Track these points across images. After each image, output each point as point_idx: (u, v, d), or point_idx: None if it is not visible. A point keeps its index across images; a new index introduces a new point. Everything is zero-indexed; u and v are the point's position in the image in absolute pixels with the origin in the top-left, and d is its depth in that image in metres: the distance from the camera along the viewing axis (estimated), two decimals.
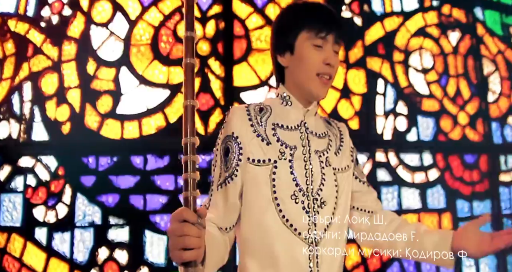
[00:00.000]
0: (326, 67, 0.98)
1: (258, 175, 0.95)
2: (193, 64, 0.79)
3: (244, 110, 0.99)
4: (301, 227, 0.94)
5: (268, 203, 0.94)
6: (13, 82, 2.43)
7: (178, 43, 2.41)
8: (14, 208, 2.31)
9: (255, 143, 0.97)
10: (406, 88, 2.33)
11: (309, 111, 1.03)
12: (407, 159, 2.24)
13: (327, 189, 0.99)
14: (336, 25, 1.02)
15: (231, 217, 0.98)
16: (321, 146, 1.02)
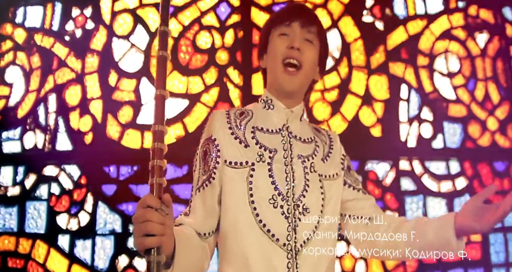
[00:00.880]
0: (291, 50, 0.97)
1: (234, 178, 0.94)
2: (165, 56, 0.87)
3: (224, 114, 1.01)
4: (279, 233, 0.91)
5: (244, 207, 0.92)
6: (39, 94, 2.59)
7: (197, 53, 2.49)
8: (38, 215, 2.44)
9: (233, 145, 0.97)
10: (431, 93, 2.30)
11: (294, 113, 1.02)
12: (433, 167, 2.20)
13: (311, 196, 0.96)
14: (300, 12, 1.02)
15: (210, 222, 0.96)
16: (306, 151, 1.00)
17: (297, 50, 0.97)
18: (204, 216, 0.96)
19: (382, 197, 2.17)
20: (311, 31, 1.01)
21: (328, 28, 2.42)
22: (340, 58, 2.39)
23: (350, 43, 2.40)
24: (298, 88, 1.01)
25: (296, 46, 0.97)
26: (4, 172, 2.54)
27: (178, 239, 0.81)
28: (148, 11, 2.60)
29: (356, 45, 2.39)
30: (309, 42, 1.00)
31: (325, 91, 2.37)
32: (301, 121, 1.04)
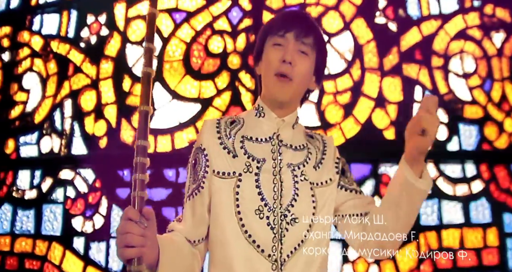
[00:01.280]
0: (283, 65, 0.96)
1: (222, 188, 0.95)
2: (150, 73, 0.87)
3: (214, 123, 1.01)
4: (264, 244, 0.92)
5: (231, 217, 0.93)
6: (55, 99, 2.68)
7: (209, 58, 2.53)
8: (54, 218, 2.52)
9: (221, 155, 0.97)
10: (446, 94, 2.28)
11: (285, 122, 1.01)
12: (448, 170, 2.17)
13: (300, 205, 0.95)
14: (295, 22, 1.00)
15: (199, 230, 0.98)
16: (296, 159, 1.00)
17: (289, 63, 0.96)
18: (194, 224, 0.98)
19: None
20: (305, 42, 0.98)
21: (340, 31, 2.43)
22: (353, 61, 2.39)
23: (363, 45, 2.39)
24: (290, 98, 1.00)
25: (288, 60, 0.96)
26: (21, 175, 2.64)
27: (163, 248, 0.84)
28: (161, 16, 2.66)
29: (369, 47, 2.39)
30: (304, 54, 0.98)
31: (337, 94, 2.37)
32: (294, 129, 1.04)
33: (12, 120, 2.75)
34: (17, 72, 2.81)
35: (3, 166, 2.69)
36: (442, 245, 2.06)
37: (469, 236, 2.06)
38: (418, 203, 0.96)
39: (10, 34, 2.88)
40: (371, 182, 2.20)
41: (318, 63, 1.03)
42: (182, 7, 2.66)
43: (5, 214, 2.63)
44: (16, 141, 2.70)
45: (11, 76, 2.81)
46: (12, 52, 2.84)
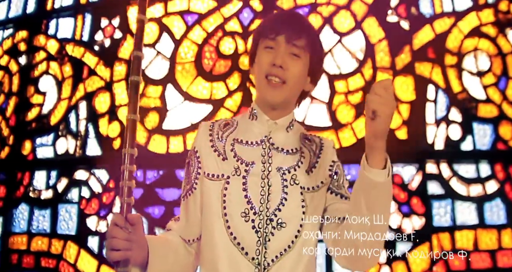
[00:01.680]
0: (273, 68, 0.96)
1: (211, 189, 0.97)
2: (138, 81, 0.92)
3: (208, 126, 1.04)
4: (249, 247, 0.92)
5: (218, 219, 0.95)
6: (70, 101, 2.75)
7: (220, 59, 2.56)
8: (70, 217, 2.59)
9: (212, 158, 1.00)
10: (459, 93, 2.25)
11: (277, 125, 1.01)
12: (462, 171, 2.14)
13: (288, 210, 0.94)
14: (286, 24, 0.99)
15: (192, 229, 1.01)
16: (287, 163, 0.99)
17: (280, 67, 0.96)
18: (188, 224, 1.01)
19: (408, 201, 2.13)
20: (297, 45, 0.97)
21: (352, 30, 2.42)
22: (364, 60, 2.38)
23: (375, 44, 2.39)
24: (282, 101, 0.99)
25: (279, 64, 0.96)
26: (37, 176, 2.72)
27: (152, 249, 0.89)
28: (173, 19, 2.71)
29: (381, 46, 2.38)
30: (296, 57, 0.98)
31: (349, 94, 2.37)
32: (288, 131, 1.03)
33: (28, 122, 2.83)
34: (34, 75, 2.89)
35: (20, 167, 2.77)
36: (455, 246, 2.03)
37: (483, 237, 2.02)
38: (379, 198, 0.85)
39: (26, 38, 2.97)
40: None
41: (313, 63, 1.01)
42: (194, 9, 2.70)
43: (22, 214, 2.71)
44: (33, 142, 2.78)
45: (28, 79, 2.90)
46: (28, 55, 2.92)
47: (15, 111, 2.87)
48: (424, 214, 2.10)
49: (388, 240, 2.14)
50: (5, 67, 2.99)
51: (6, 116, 2.90)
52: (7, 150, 2.84)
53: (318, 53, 1.03)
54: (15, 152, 2.81)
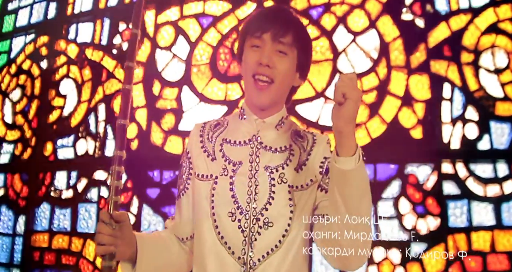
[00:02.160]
0: (260, 67, 0.95)
1: (200, 189, 0.99)
2: (129, 90, 0.99)
3: (199, 128, 1.07)
4: (235, 246, 0.92)
5: (206, 218, 0.96)
6: (90, 104, 2.83)
7: (235, 60, 2.59)
8: (89, 216, 2.67)
9: (201, 159, 1.01)
10: (476, 91, 2.20)
11: (266, 124, 1.01)
12: (479, 170, 2.08)
13: (275, 209, 0.93)
14: (271, 22, 0.97)
15: (186, 228, 1.04)
16: (275, 162, 0.97)
17: (267, 66, 0.95)
18: (181, 223, 1.05)
19: (423, 201, 2.10)
20: (283, 42, 0.97)
21: (366, 29, 2.41)
22: (379, 59, 2.36)
23: (389, 43, 2.36)
24: (269, 102, 0.99)
25: (265, 63, 0.95)
26: (58, 176, 2.81)
27: (142, 245, 0.95)
28: (189, 22, 2.76)
29: (395, 45, 2.35)
30: (282, 54, 0.97)
31: (363, 93, 2.35)
32: (278, 129, 1.03)
33: (50, 124, 2.93)
34: (55, 79, 3.00)
35: (42, 168, 2.87)
36: (471, 247, 1.99)
37: (501, 239, 1.97)
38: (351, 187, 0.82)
39: (47, 43, 3.08)
40: (398, 182, 2.16)
41: (301, 59, 1.01)
42: (209, 12, 2.74)
43: (44, 213, 2.81)
44: (54, 144, 2.88)
45: (49, 83, 3.00)
46: (49, 60, 3.03)
47: (37, 113, 2.98)
48: (440, 215, 2.06)
49: (402, 241, 2.14)
50: (28, 71, 3.11)
51: (28, 118, 3.01)
52: (30, 151, 2.95)
53: (305, 48, 1.02)
54: (37, 153, 2.92)
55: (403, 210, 2.12)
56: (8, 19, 3.40)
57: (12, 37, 3.32)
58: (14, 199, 2.90)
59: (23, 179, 2.92)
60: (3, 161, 3.07)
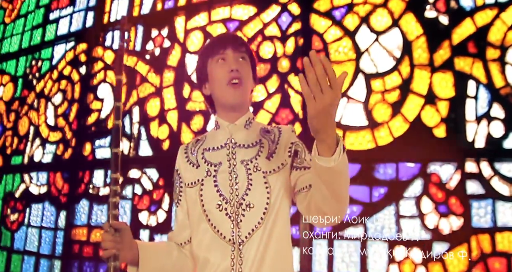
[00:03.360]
0: (232, 73, 1.12)
1: (192, 195, 1.14)
2: (119, 106, 1.16)
3: (183, 148, 1.23)
4: (225, 231, 1.07)
5: (200, 217, 1.11)
6: (125, 107, 2.96)
7: (260, 63, 2.62)
8: (124, 212, 2.79)
9: (188, 170, 1.17)
10: (502, 88, 2.10)
11: (236, 126, 1.17)
12: (504, 169, 1.99)
13: (254, 193, 1.08)
14: (229, 39, 1.18)
15: (183, 234, 1.18)
16: (249, 155, 1.13)
17: (236, 71, 1.12)
18: (178, 230, 1.19)
19: (446, 200, 2.04)
20: (241, 51, 1.16)
21: (389, 28, 2.37)
22: (402, 58, 2.31)
23: (412, 41, 2.31)
24: (241, 99, 1.15)
25: (235, 68, 1.12)
26: (96, 175, 2.96)
27: (142, 249, 1.10)
28: (216, 26, 2.82)
29: (419, 43, 2.29)
30: (243, 60, 1.16)
31: (385, 92, 2.31)
32: (248, 129, 1.18)
33: (89, 126, 3.08)
34: (93, 84, 3.15)
35: (81, 167, 3.03)
36: (496, 248, 1.90)
37: None
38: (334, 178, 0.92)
39: (86, 50, 3.24)
40: (420, 181, 2.11)
41: (253, 66, 1.20)
42: (236, 17, 2.79)
43: (83, 208, 2.96)
44: (92, 144, 3.03)
45: (88, 87, 3.16)
46: (88, 66, 3.19)
47: (77, 116, 3.14)
48: (463, 214, 1.99)
49: (424, 240, 2.08)
50: (68, 77, 3.29)
51: (69, 121, 3.18)
52: (70, 151, 3.12)
53: (252, 57, 1.22)
54: (77, 153, 3.08)
55: (425, 210, 2.06)
56: (50, 28, 3.61)
57: (54, 45, 3.51)
58: (56, 195, 3.08)
59: (64, 177, 3.09)
60: (46, 160, 3.27)
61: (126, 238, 1.07)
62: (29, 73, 3.59)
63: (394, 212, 2.12)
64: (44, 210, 3.16)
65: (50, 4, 3.69)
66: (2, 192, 3.51)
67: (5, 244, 3.33)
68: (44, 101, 3.42)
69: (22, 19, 3.88)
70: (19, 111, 3.57)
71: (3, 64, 3.89)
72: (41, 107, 3.43)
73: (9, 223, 3.35)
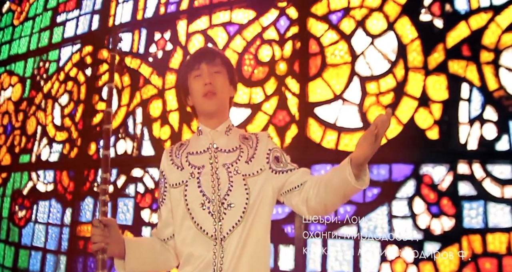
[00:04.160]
0: (206, 87, 1.20)
1: (176, 195, 1.20)
2: (110, 112, 1.26)
3: (168, 151, 1.29)
4: (208, 228, 1.14)
5: (184, 215, 1.17)
6: (129, 108, 2.96)
7: (258, 66, 2.61)
8: (127, 210, 2.79)
9: (173, 171, 1.23)
10: (495, 91, 2.06)
11: (218, 132, 1.24)
12: (496, 171, 1.95)
13: (235, 194, 1.15)
14: (204, 54, 1.25)
15: (167, 230, 1.24)
16: (230, 159, 1.20)
17: (210, 84, 1.20)
18: (162, 226, 1.25)
19: (437, 201, 2.01)
20: (216, 64, 1.24)
21: (384, 31, 2.34)
22: (396, 60, 2.29)
23: (407, 44, 2.28)
24: (216, 108, 1.23)
25: (208, 82, 1.20)
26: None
27: (128, 243, 1.17)
28: (217, 30, 2.81)
29: (413, 46, 2.27)
30: (217, 73, 1.23)
31: (380, 95, 2.29)
32: (228, 135, 1.25)
33: (94, 126, 3.09)
34: (98, 85, 3.16)
35: (86, 166, 3.04)
36: (487, 249, 1.88)
37: None
38: (352, 194, 1.08)
39: (92, 52, 3.25)
40: (412, 182, 2.09)
41: (230, 75, 1.27)
42: (235, 20, 2.78)
43: (88, 206, 2.97)
44: (97, 144, 3.04)
45: (93, 89, 3.17)
46: (93, 68, 3.20)
47: (83, 116, 3.15)
48: (454, 215, 1.96)
49: (416, 240, 2.06)
50: (74, 78, 3.30)
51: (75, 121, 3.19)
52: (76, 150, 3.13)
53: (230, 67, 1.29)
54: (82, 152, 3.09)
55: (418, 210, 2.04)
56: (57, 31, 3.62)
57: (61, 47, 3.52)
58: (62, 193, 3.09)
59: (70, 176, 3.10)
60: (53, 159, 3.29)
61: (114, 233, 1.14)
62: (37, 74, 3.61)
63: (386, 212, 2.10)
64: (51, 207, 3.18)
65: (57, 7, 3.70)
66: (10, 189, 3.54)
67: (13, 239, 3.36)
68: (51, 102, 3.43)
69: (30, 21, 3.89)
70: (27, 111, 3.59)
71: (12, 65, 3.91)
72: (48, 108, 3.44)
73: (17, 219, 3.37)
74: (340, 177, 1.05)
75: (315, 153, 2.33)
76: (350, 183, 1.02)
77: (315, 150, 2.33)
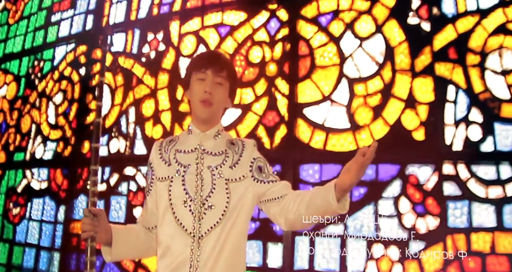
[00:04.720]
0: (205, 94, 1.20)
1: (161, 188, 1.22)
2: (100, 105, 1.26)
3: (158, 144, 1.30)
4: (188, 225, 1.16)
5: (167, 209, 1.19)
6: (122, 107, 2.91)
7: (249, 67, 2.57)
8: (119, 207, 2.75)
9: (161, 165, 1.24)
10: (481, 93, 2.03)
11: (207, 135, 1.24)
12: (481, 172, 1.93)
13: (216, 196, 1.17)
14: (213, 61, 1.24)
15: (151, 219, 1.26)
16: (215, 162, 1.21)
17: (209, 93, 1.20)
18: (147, 216, 1.27)
19: (423, 201, 1.99)
20: (221, 75, 1.22)
21: (372, 34, 2.31)
22: (384, 63, 2.25)
23: (394, 47, 2.25)
24: (210, 116, 1.23)
25: (208, 91, 1.20)
26: None
27: (115, 232, 1.20)
28: (209, 31, 2.77)
29: (401, 49, 2.24)
30: (219, 85, 1.22)
31: (367, 96, 2.25)
32: (216, 139, 1.25)
33: (87, 125, 3.04)
34: (92, 84, 3.10)
35: (80, 164, 2.98)
36: (471, 248, 1.86)
37: (502, 241, 1.81)
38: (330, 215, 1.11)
39: (85, 52, 3.19)
40: (398, 182, 2.06)
41: (231, 89, 1.27)
42: (227, 22, 2.73)
43: (81, 203, 2.93)
44: (91, 142, 2.97)
45: (87, 88, 3.11)
46: (87, 67, 3.14)
47: (77, 115, 3.10)
48: (439, 215, 1.94)
49: (401, 239, 2.03)
50: (69, 77, 3.24)
51: (69, 120, 3.14)
52: (70, 149, 3.08)
53: (234, 81, 1.29)
54: (76, 150, 3.04)
55: (403, 209, 2.01)
56: (52, 30, 3.55)
57: (55, 47, 3.46)
58: (56, 191, 3.04)
59: (64, 174, 3.05)
60: (47, 157, 3.23)
61: (102, 222, 1.17)
62: (32, 73, 3.54)
63: (373, 211, 2.07)
64: (45, 204, 3.13)
65: (52, 6, 3.63)
66: (5, 187, 3.48)
67: (7, 236, 3.30)
68: (46, 100, 3.37)
69: (25, 20, 3.82)
70: (21, 109, 3.52)
71: (7, 63, 3.84)
72: (43, 106, 3.38)
73: (11, 216, 3.32)
74: (323, 199, 1.07)
75: (304, 153, 2.30)
76: (331, 206, 1.05)
77: (304, 150, 2.30)
